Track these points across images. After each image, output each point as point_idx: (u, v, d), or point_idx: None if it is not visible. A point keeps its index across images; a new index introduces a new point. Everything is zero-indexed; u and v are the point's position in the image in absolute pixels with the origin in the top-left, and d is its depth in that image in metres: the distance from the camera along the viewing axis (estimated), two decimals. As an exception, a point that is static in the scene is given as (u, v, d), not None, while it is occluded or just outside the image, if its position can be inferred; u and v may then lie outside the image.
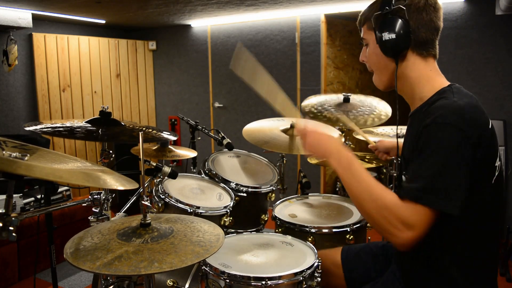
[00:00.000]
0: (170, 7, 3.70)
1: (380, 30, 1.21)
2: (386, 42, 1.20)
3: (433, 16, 1.20)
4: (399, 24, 1.18)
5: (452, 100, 1.11)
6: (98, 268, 0.98)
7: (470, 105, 1.11)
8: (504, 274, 2.79)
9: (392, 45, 1.20)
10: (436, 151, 1.05)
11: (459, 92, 1.16)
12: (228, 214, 1.92)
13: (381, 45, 1.22)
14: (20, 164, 1.00)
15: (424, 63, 1.23)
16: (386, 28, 1.20)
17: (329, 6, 3.76)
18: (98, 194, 1.51)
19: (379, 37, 1.22)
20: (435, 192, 1.03)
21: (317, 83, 4.09)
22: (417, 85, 1.23)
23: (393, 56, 1.23)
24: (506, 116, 3.21)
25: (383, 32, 1.20)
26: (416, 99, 1.24)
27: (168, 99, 5.16)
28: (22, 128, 4.08)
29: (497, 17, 3.18)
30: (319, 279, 1.40)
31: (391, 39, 1.19)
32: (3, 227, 1.01)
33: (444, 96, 1.15)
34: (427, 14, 1.19)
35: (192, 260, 1.03)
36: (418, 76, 1.23)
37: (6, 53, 3.75)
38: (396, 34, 1.18)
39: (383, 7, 1.21)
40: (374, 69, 1.32)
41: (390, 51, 1.22)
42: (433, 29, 1.21)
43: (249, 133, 2.18)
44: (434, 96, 1.19)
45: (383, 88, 1.33)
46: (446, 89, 1.18)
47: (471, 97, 1.16)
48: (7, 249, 2.88)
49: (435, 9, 1.20)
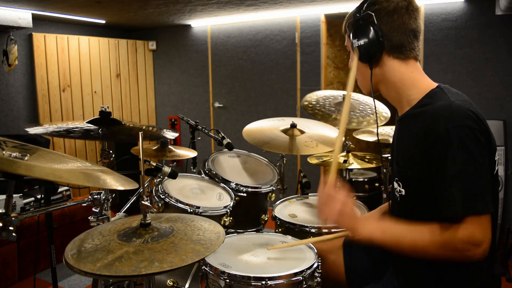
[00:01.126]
0: (170, 7, 3.70)
1: (353, 37, 1.24)
2: (358, 48, 1.23)
3: (406, 18, 1.19)
4: (368, 30, 1.19)
5: (450, 101, 1.10)
6: (99, 269, 0.97)
7: (468, 103, 1.11)
8: (504, 274, 2.79)
9: (363, 51, 1.22)
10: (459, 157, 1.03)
11: (450, 92, 1.16)
12: (228, 214, 1.92)
13: (356, 52, 1.25)
14: (20, 164, 1.00)
15: (405, 66, 1.22)
16: (356, 35, 1.23)
17: (329, 6, 3.76)
18: (98, 194, 1.51)
19: (352, 44, 1.25)
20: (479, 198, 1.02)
21: (317, 83, 4.09)
22: (402, 88, 1.23)
23: (367, 61, 1.24)
24: (506, 116, 3.21)
25: (354, 39, 1.23)
26: (404, 102, 1.23)
27: (168, 99, 5.16)
28: (22, 128, 4.08)
29: (497, 17, 3.18)
30: (319, 279, 1.40)
31: (362, 45, 1.21)
32: (3, 227, 1.01)
33: (437, 97, 1.14)
34: (398, 17, 1.19)
35: (192, 258, 1.03)
36: (401, 80, 1.22)
37: (6, 53, 3.75)
38: (365, 40, 1.20)
39: (355, 15, 1.25)
40: (357, 75, 1.33)
41: (363, 57, 1.24)
42: (408, 31, 1.20)
43: (249, 133, 2.18)
44: (424, 99, 1.18)
45: (366, 92, 1.33)
46: (436, 91, 1.17)
47: (463, 95, 1.16)
48: (7, 249, 2.88)
49: (407, 11, 1.19)
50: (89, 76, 4.54)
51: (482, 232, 1.01)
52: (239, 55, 4.53)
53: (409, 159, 1.16)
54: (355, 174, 3.91)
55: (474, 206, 1.01)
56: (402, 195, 1.20)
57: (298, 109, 4.23)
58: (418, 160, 1.12)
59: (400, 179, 1.20)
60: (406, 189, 1.18)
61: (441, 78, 3.49)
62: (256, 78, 4.46)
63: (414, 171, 1.15)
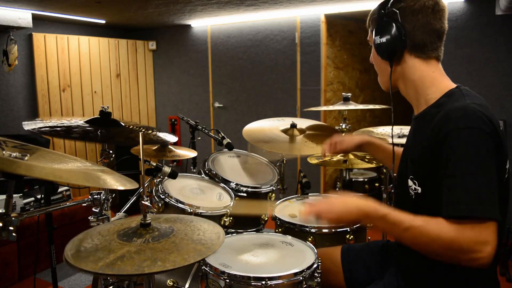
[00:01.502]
0: (170, 7, 3.71)
1: (375, 34, 1.25)
2: (379, 45, 1.23)
3: (431, 18, 1.19)
4: (391, 28, 1.19)
5: (466, 102, 1.09)
6: (101, 268, 0.97)
7: (485, 106, 1.10)
8: (504, 274, 2.79)
9: (385, 48, 1.22)
10: (469, 158, 1.02)
11: (469, 94, 1.15)
12: (228, 214, 1.92)
13: (376, 48, 1.26)
14: (20, 164, 1.00)
15: (425, 65, 1.22)
16: (379, 31, 1.23)
17: (329, 6, 3.76)
18: (98, 194, 1.51)
19: (374, 40, 1.26)
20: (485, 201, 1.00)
21: (317, 83, 4.09)
22: (421, 87, 1.23)
23: (387, 58, 1.25)
24: (506, 116, 3.21)
25: (377, 36, 1.24)
26: (421, 101, 1.23)
27: (168, 99, 5.16)
28: (22, 128, 4.08)
29: (497, 17, 3.18)
30: (319, 279, 1.40)
31: (383, 42, 1.22)
32: (3, 227, 1.01)
33: (454, 98, 1.14)
34: (423, 16, 1.18)
35: (195, 258, 1.03)
36: (420, 78, 1.22)
37: (6, 53, 3.75)
38: (387, 37, 1.20)
39: (380, 11, 1.25)
40: (376, 70, 1.34)
41: (384, 54, 1.25)
42: (431, 31, 1.20)
43: (249, 133, 2.18)
44: (441, 98, 1.17)
45: (385, 89, 1.34)
46: (455, 91, 1.17)
47: (481, 98, 1.15)
48: (7, 249, 2.88)
49: (433, 11, 1.19)
50: (89, 76, 4.55)
51: (488, 234, 0.99)
52: (239, 55, 4.53)
53: (423, 157, 1.15)
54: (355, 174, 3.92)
55: (480, 209, 0.99)
56: (418, 193, 1.17)
57: (298, 109, 4.23)
58: (430, 158, 1.11)
59: (416, 177, 1.18)
60: (423, 187, 1.16)
61: (441, 78, 3.49)
62: (256, 78, 4.46)
63: (428, 168, 1.13)
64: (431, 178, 1.12)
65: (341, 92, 3.88)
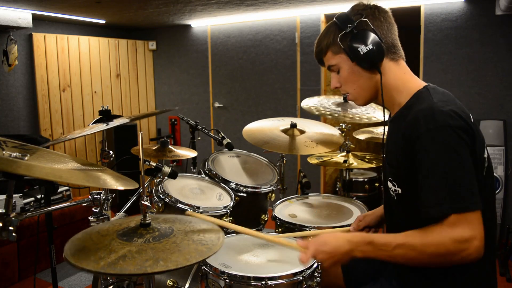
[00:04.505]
0: (170, 7, 3.71)
1: (354, 47, 1.20)
2: (365, 55, 1.20)
3: (388, 19, 1.24)
4: (369, 35, 1.20)
5: (432, 102, 1.11)
6: (103, 268, 0.97)
7: (452, 103, 1.12)
8: (504, 274, 2.79)
9: (372, 56, 1.20)
10: (442, 156, 1.03)
11: (436, 92, 1.16)
12: (228, 214, 1.92)
13: (360, 60, 1.22)
14: (20, 164, 1.00)
15: (397, 66, 1.25)
16: (359, 42, 1.20)
17: (329, 6, 3.76)
18: (98, 194, 1.51)
19: (355, 54, 1.21)
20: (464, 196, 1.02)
21: (317, 83, 4.09)
22: (395, 91, 1.24)
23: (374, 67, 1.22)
24: (506, 116, 3.21)
25: (359, 47, 1.20)
26: (395, 104, 1.25)
27: (168, 99, 5.16)
28: (22, 128, 4.08)
29: (497, 17, 3.18)
30: (319, 279, 1.40)
31: (369, 51, 1.19)
32: (3, 227, 1.01)
33: (421, 98, 1.16)
34: (384, 19, 1.23)
35: (196, 258, 1.04)
36: (395, 82, 1.24)
37: (6, 53, 3.75)
38: (370, 46, 1.19)
39: (345, 26, 1.22)
40: (352, 89, 1.29)
41: (370, 64, 1.21)
42: (393, 31, 1.24)
43: (249, 133, 2.18)
44: (411, 99, 1.19)
45: (363, 104, 1.31)
46: (422, 91, 1.19)
47: (448, 94, 1.17)
48: (7, 249, 2.88)
49: (384, 12, 1.24)
50: (89, 76, 4.55)
51: (472, 229, 1.01)
52: (239, 55, 4.53)
53: (398, 160, 1.18)
54: (355, 174, 3.91)
55: (459, 204, 1.01)
56: (399, 193, 1.20)
57: (298, 109, 4.23)
58: (405, 161, 1.13)
59: (394, 178, 1.21)
60: (402, 188, 1.18)
61: (441, 78, 3.50)
62: (256, 78, 4.46)
63: (404, 171, 1.15)
64: (409, 179, 1.14)
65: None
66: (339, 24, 1.24)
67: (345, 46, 1.23)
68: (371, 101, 1.31)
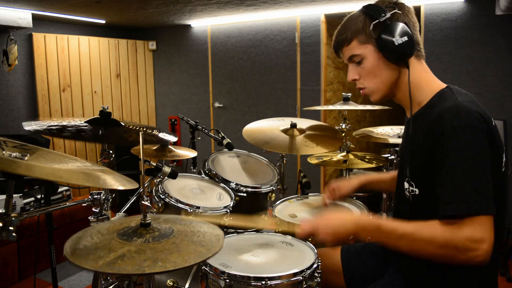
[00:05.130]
0: (170, 7, 3.71)
1: (387, 37, 1.16)
2: (398, 47, 1.15)
3: (414, 17, 1.23)
4: (404, 28, 1.17)
5: (458, 101, 1.10)
6: (101, 267, 0.97)
7: (476, 104, 1.11)
8: (504, 274, 2.79)
9: (404, 49, 1.16)
10: (464, 156, 1.03)
11: (459, 93, 1.16)
12: (228, 214, 1.92)
13: (391, 52, 1.18)
14: (20, 164, 1.00)
15: (420, 65, 1.24)
16: (392, 33, 1.16)
17: (329, 6, 3.76)
18: (98, 194, 1.51)
19: (387, 44, 1.16)
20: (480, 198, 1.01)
21: (317, 83, 4.09)
22: (416, 89, 1.22)
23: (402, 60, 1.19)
24: (506, 116, 3.21)
25: (393, 38, 1.15)
26: (415, 103, 1.23)
27: (168, 99, 5.16)
28: (22, 128, 4.08)
29: (497, 17, 3.18)
30: (319, 279, 1.40)
31: (403, 43, 1.15)
32: (3, 227, 1.01)
33: (445, 97, 1.15)
34: (412, 16, 1.22)
35: (195, 259, 1.03)
36: (418, 80, 1.22)
37: (6, 53, 3.75)
38: (405, 38, 1.16)
39: (378, 15, 1.18)
40: (373, 83, 1.25)
41: (401, 56, 1.18)
42: (417, 29, 1.23)
43: (249, 133, 2.18)
44: (433, 98, 1.18)
45: (379, 99, 1.28)
46: (446, 90, 1.18)
47: (471, 96, 1.16)
48: (7, 249, 2.88)
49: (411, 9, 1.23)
50: (89, 76, 4.55)
51: (483, 232, 1.00)
52: (239, 55, 4.53)
53: (419, 159, 1.16)
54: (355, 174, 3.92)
55: (476, 206, 1.01)
56: (415, 194, 1.18)
57: (298, 109, 4.23)
58: (426, 159, 1.12)
59: (412, 178, 1.19)
60: (420, 189, 1.17)
61: (441, 78, 3.47)
62: (256, 78, 4.46)
63: (424, 169, 1.14)
64: (428, 179, 1.13)
65: (341, 92, 3.88)
66: (370, 13, 1.20)
67: (377, 36, 1.18)
68: (387, 97, 1.28)
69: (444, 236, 1.03)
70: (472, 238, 1.00)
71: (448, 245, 1.02)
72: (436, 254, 1.05)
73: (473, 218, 1.01)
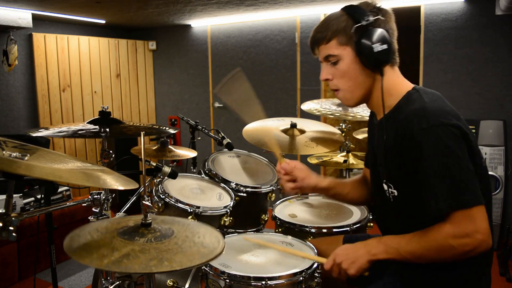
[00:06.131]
0: (170, 7, 3.70)
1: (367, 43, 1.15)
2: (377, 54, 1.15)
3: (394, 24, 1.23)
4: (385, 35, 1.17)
5: (424, 102, 1.12)
6: (107, 265, 0.98)
7: (443, 101, 1.13)
8: (504, 274, 2.79)
9: (381, 56, 1.16)
10: (437, 155, 1.04)
11: (425, 93, 1.17)
12: (228, 214, 1.92)
13: (368, 58, 1.17)
14: (20, 164, 1.00)
15: (393, 71, 1.24)
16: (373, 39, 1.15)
17: (329, 6, 3.76)
18: (98, 194, 1.51)
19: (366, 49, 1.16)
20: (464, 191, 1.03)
21: (317, 83, 4.09)
22: (387, 94, 1.22)
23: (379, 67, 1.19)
24: (506, 116, 3.21)
25: (373, 44, 1.15)
26: (386, 107, 1.24)
27: (168, 99, 5.16)
28: (22, 128, 4.08)
29: (497, 17, 3.18)
30: (319, 279, 1.40)
31: (382, 50, 1.15)
32: (3, 227, 1.01)
33: (412, 99, 1.16)
34: (393, 23, 1.22)
35: (200, 260, 1.04)
36: (390, 85, 1.22)
37: (6, 53, 3.75)
38: (385, 45, 1.16)
39: (361, 19, 1.16)
40: (347, 86, 1.24)
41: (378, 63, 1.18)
42: (395, 37, 1.23)
43: (249, 133, 2.18)
44: (400, 101, 1.19)
45: (354, 105, 1.27)
46: (412, 92, 1.19)
47: (438, 94, 1.18)
48: (7, 249, 2.88)
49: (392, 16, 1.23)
50: (89, 76, 4.54)
51: (473, 223, 1.02)
52: (239, 55, 4.53)
53: (392, 161, 1.17)
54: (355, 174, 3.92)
55: (459, 201, 1.02)
56: (395, 195, 1.20)
57: (298, 109, 4.23)
58: (399, 161, 1.14)
59: (389, 180, 1.20)
60: (399, 190, 1.18)
61: (441, 78, 3.50)
62: (256, 78, 4.46)
63: (397, 171, 1.16)
64: (405, 180, 1.14)
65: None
66: (354, 15, 1.18)
67: (357, 39, 1.17)
68: (362, 102, 1.28)
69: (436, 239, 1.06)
70: (462, 233, 1.02)
71: (443, 247, 1.05)
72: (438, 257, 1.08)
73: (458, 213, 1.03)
